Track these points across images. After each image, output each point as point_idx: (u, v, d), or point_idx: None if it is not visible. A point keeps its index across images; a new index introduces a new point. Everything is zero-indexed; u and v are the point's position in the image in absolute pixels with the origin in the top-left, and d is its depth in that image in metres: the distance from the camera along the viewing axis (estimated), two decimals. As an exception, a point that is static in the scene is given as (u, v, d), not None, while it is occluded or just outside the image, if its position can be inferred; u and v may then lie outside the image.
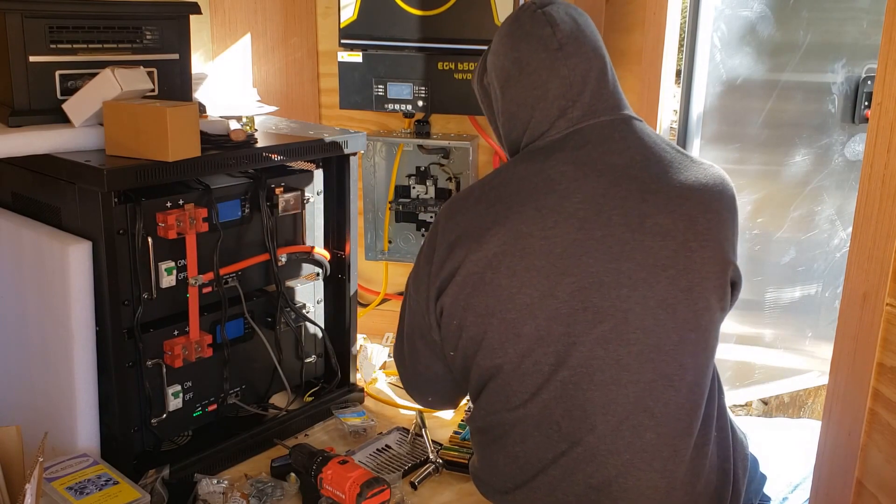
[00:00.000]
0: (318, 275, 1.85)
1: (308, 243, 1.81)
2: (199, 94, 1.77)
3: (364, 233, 2.21)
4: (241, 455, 1.67)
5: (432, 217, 2.16)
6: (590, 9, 1.95)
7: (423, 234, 2.22)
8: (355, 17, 1.99)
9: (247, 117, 1.73)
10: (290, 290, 1.79)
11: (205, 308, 1.60)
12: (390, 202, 2.21)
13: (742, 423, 1.48)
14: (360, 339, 2.05)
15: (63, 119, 1.49)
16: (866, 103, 1.96)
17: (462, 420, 1.84)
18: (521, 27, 1.29)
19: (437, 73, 1.98)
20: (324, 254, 1.83)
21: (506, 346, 1.23)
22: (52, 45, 1.46)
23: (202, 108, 1.68)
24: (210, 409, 1.67)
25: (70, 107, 1.48)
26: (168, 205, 1.49)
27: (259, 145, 1.63)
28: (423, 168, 2.19)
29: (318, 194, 1.82)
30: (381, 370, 2.10)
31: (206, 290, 1.59)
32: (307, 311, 1.83)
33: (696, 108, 1.88)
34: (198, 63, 2.12)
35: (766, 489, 1.52)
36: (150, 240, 1.47)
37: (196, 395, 1.63)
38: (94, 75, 1.47)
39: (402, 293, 1.43)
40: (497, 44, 1.33)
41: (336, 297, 1.91)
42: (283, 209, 1.69)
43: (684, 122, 1.90)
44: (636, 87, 1.92)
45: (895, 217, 1.05)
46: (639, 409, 1.21)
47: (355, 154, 1.82)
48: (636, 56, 1.92)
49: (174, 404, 1.58)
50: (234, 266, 1.64)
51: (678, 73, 1.91)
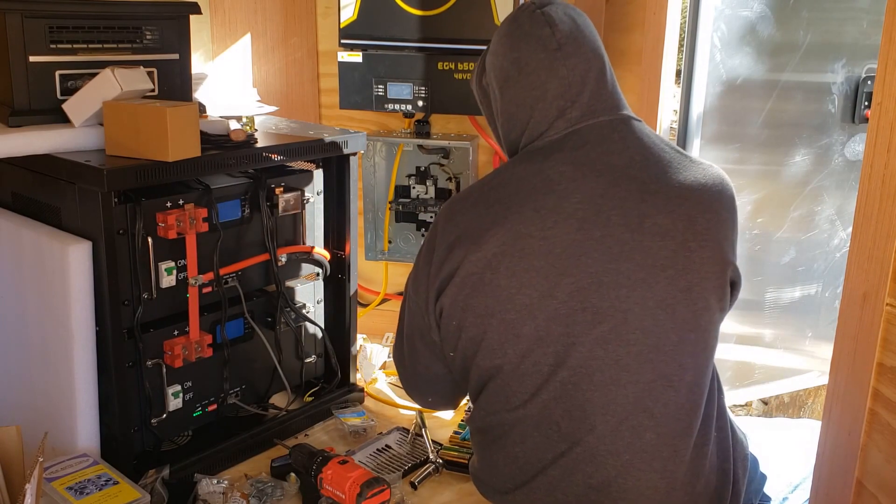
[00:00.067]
0: (318, 275, 1.85)
1: (308, 243, 1.81)
2: (199, 94, 1.76)
3: (364, 233, 2.21)
4: (241, 455, 1.67)
5: (432, 217, 2.16)
6: (590, 9, 1.95)
7: (423, 234, 2.22)
8: (355, 17, 1.99)
9: (247, 117, 1.73)
10: (290, 290, 1.79)
11: (205, 308, 1.60)
12: (390, 202, 2.21)
13: (742, 423, 1.48)
14: (360, 339, 2.05)
15: (63, 119, 1.49)
16: (866, 103, 1.96)
17: (462, 420, 1.84)
18: (519, 27, 1.28)
19: (437, 73, 1.98)
20: (324, 254, 1.83)
21: (505, 346, 1.23)
22: (52, 45, 1.46)
23: (202, 108, 1.68)
24: (210, 409, 1.67)
25: (70, 107, 1.48)
26: (168, 205, 1.49)
27: (259, 145, 1.63)
28: (423, 168, 2.19)
29: (318, 194, 1.82)
30: (381, 370, 2.10)
31: (206, 290, 1.59)
32: (307, 311, 1.83)
33: (696, 108, 1.88)
34: (198, 63, 2.12)
35: (767, 489, 1.52)
36: (150, 240, 1.47)
37: (196, 395, 1.63)
38: (94, 75, 1.47)
39: (402, 293, 1.42)
40: (496, 44, 1.32)
41: (336, 297, 1.91)
42: (283, 209, 1.69)
43: (684, 122, 1.90)
44: (636, 87, 1.92)
45: (895, 217, 1.05)
46: (638, 410, 1.21)
47: (355, 154, 1.82)
48: (636, 56, 1.92)
49: (174, 404, 1.58)
50: (234, 266, 1.64)
51: (678, 73, 1.91)
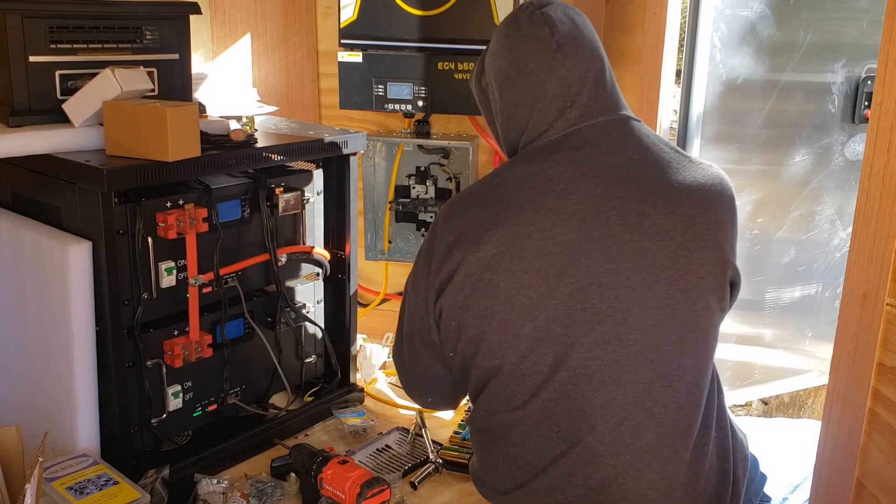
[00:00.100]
0: (318, 275, 1.85)
1: (308, 243, 1.81)
2: (199, 94, 1.76)
3: (364, 233, 2.21)
4: (241, 455, 1.67)
5: (432, 217, 2.16)
6: (590, 9, 1.96)
7: (423, 234, 2.22)
8: (355, 17, 1.99)
9: (247, 117, 1.73)
10: (290, 290, 1.79)
11: (205, 308, 1.60)
12: (390, 202, 2.21)
13: (742, 423, 1.48)
14: (360, 339, 2.05)
15: (63, 119, 1.49)
16: (866, 103, 1.96)
17: (462, 420, 1.84)
18: (519, 28, 1.28)
19: (437, 73, 1.98)
20: (324, 254, 1.83)
21: (505, 347, 1.23)
22: (52, 45, 1.46)
23: (202, 108, 1.68)
24: (210, 409, 1.67)
25: (70, 107, 1.48)
26: (168, 205, 1.49)
27: (259, 145, 1.63)
28: (423, 168, 2.19)
29: (318, 194, 1.82)
30: (381, 370, 2.10)
31: (206, 290, 1.59)
32: (307, 311, 1.83)
33: (696, 108, 1.88)
34: (198, 63, 2.12)
35: (767, 489, 1.52)
36: (150, 240, 1.47)
37: (196, 395, 1.63)
38: (94, 75, 1.47)
39: (401, 293, 1.42)
40: (495, 44, 1.32)
41: (336, 297, 1.91)
42: (283, 209, 1.69)
43: (684, 122, 1.90)
44: (636, 87, 1.92)
45: (895, 217, 1.05)
46: (638, 410, 1.21)
47: (355, 154, 1.82)
48: (636, 56, 1.92)
49: (174, 404, 1.58)
50: (234, 266, 1.64)
51: (678, 73, 1.91)
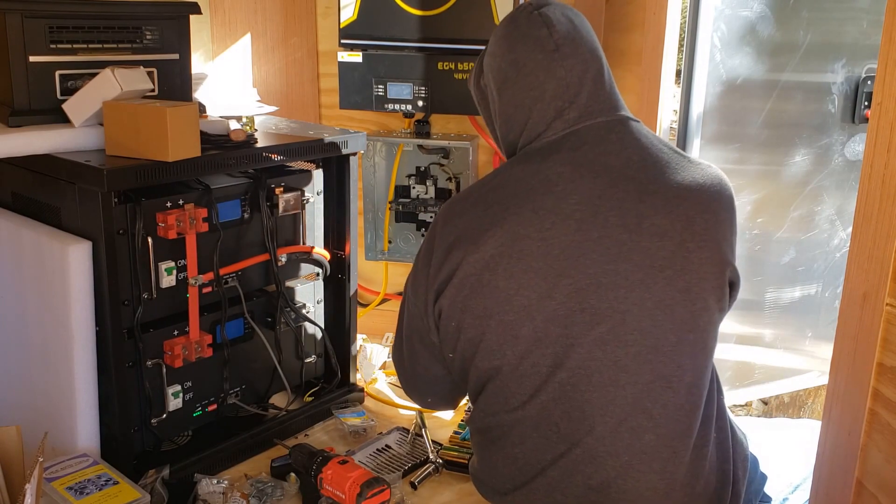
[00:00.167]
0: (318, 275, 1.85)
1: (308, 243, 1.81)
2: (199, 94, 1.76)
3: (364, 233, 2.21)
4: (241, 455, 1.67)
5: (432, 217, 2.16)
6: (590, 9, 1.96)
7: (423, 234, 2.22)
8: (355, 17, 1.99)
9: (247, 117, 1.73)
10: (290, 290, 1.79)
11: (205, 308, 1.60)
12: (390, 202, 2.21)
13: (742, 423, 1.48)
14: (360, 339, 2.05)
15: (63, 119, 1.48)
16: (866, 103, 1.96)
17: (462, 420, 1.84)
18: (517, 28, 1.28)
19: (437, 73, 1.98)
20: (324, 254, 1.83)
21: (504, 347, 1.23)
22: (52, 45, 1.46)
23: (202, 108, 1.68)
24: (210, 409, 1.67)
25: (70, 107, 1.48)
26: (168, 205, 1.49)
27: (259, 145, 1.63)
28: (423, 168, 2.19)
29: (317, 194, 1.82)
30: (381, 370, 2.10)
31: (206, 290, 1.59)
32: (307, 311, 1.83)
33: (696, 108, 1.88)
34: (198, 63, 2.12)
35: (767, 489, 1.52)
36: (150, 240, 1.47)
37: (196, 395, 1.63)
38: (94, 75, 1.47)
39: (401, 293, 1.42)
40: (493, 45, 1.32)
41: (336, 297, 1.91)
42: (283, 209, 1.69)
43: (684, 122, 1.90)
44: (636, 87, 1.92)
45: (895, 217, 1.05)
46: (637, 411, 1.21)
47: (355, 154, 1.82)
48: (636, 56, 1.92)
49: (174, 404, 1.58)
50: (234, 266, 1.64)
51: (678, 73, 1.91)
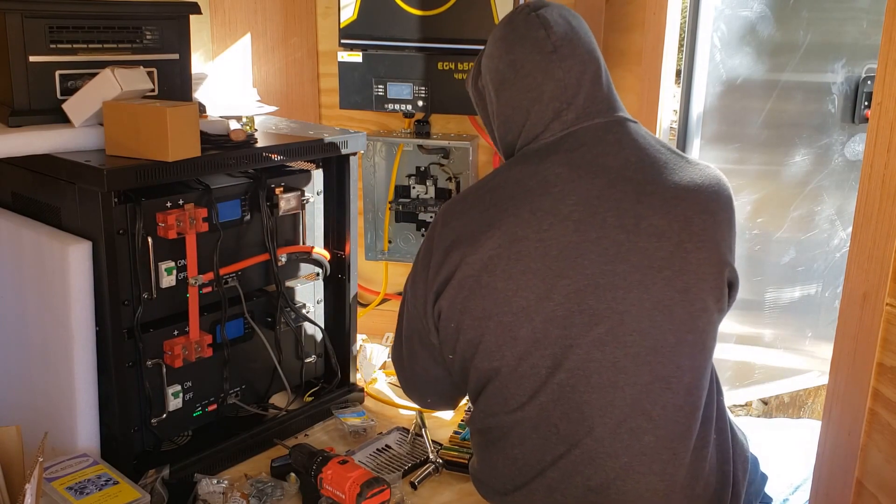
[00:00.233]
0: (318, 275, 1.85)
1: (308, 243, 1.81)
2: (199, 94, 1.76)
3: (364, 233, 2.21)
4: (241, 455, 1.67)
5: (432, 217, 2.16)
6: (589, 9, 1.96)
7: (422, 234, 2.22)
8: (355, 17, 1.99)
9: (247, 117, 1.73)
10: (290, 290, 1.79)
11: (205, 308, 1.60)
12: (390, 202, 2.21)
13: (742, 424, 1.48)
14: (360, 339, 2.05)
15: (63, 119, 1.49)
16: (866, 103, 1.96)
17: (462, 420, 1.84)
18: (515, 30, 1.28)
19: (437, 73, 1.98)
20: (324, 254, 1.83)
21: (503, 348, 1.23)
22: (52, 45, 1.46)
23: (202, 108, 1.68)
24: (210, 409, 1.67)
25: (70, 107, 1.48)
26: (168, 205, 1.49)
27: (259, 145, 1.63)
28: (423, 168, 2.19)
29: (317, 194, 1.82)
30: (381, 370, 2.10)
31: (206, 290, 1.59)
32: (307, 311, 1.83)
33: (696, 108, 1.88)
34: (198, 63, 2.12)
35: (767, 489, 1.52)
36: (150, 240, 1.47)
37: (196, 395, 1.63)
38: (94, 75, 1.47)
39: (401, 293, 1.42)
40: (491, 46, 1.32)
41: (336, 297, 1.91)
42: (283, 209, 1.69)
43: (684, 122, 1.90)
44: (636, 87, 1.92)
45: (895, 217, 1.05)
46: (636, 412, 1.21)
47: (355, 154, 1.82)
48: (636, 56, 1.92)
49: (174, 404, 1.58)
50: (234, 266, 1.64)
51: (678, 73, 1.91)
